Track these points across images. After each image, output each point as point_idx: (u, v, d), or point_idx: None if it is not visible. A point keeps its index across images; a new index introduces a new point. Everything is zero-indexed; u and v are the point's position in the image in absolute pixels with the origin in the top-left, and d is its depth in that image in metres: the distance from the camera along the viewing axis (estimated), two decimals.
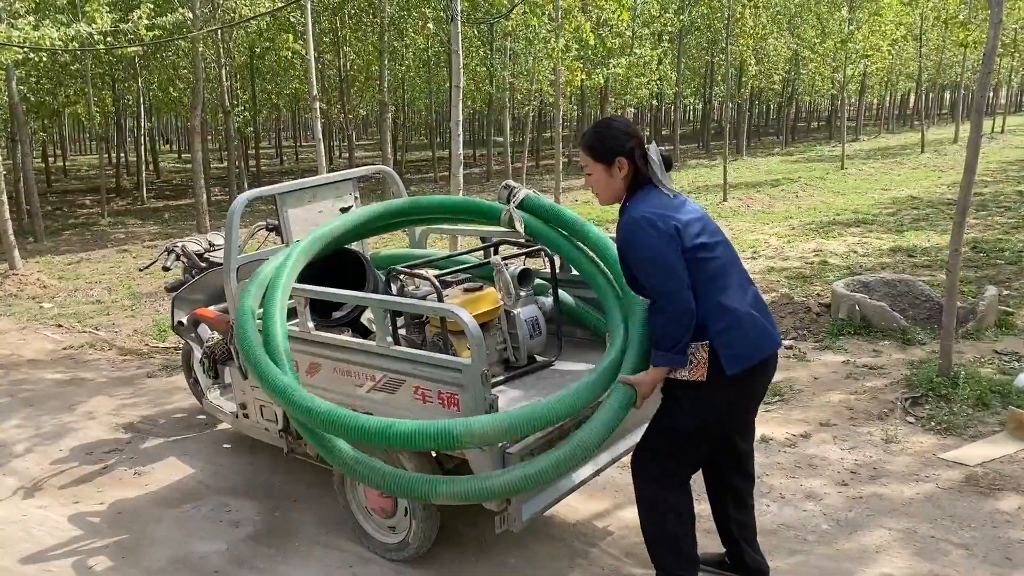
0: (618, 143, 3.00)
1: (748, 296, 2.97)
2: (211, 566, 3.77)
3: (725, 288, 2.91)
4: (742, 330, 2.89)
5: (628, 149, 2.99)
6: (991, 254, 9.10)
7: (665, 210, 2.91)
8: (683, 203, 3.01)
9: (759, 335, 2.92)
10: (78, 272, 11.50)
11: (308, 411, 3.12)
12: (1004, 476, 4.14)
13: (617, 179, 3.02)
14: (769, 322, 3.00)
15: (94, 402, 6.01)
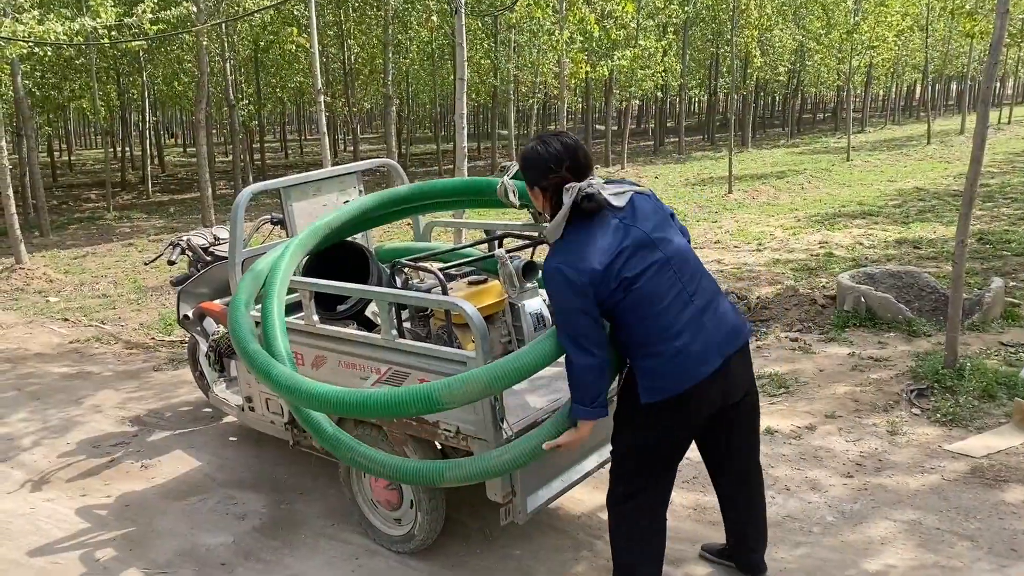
0: (534, 175, 2.83)
1: (679, 320, 2.73)
2: (217, 558, 3.79)
3: (645, 320, 2.72)
4: (660, 363, 2.73)
5: (543, 185, 2.81)
6: (997, 245, 9.06)
7: (584, 255, 2.68)
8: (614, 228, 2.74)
9: (682, 366, 2.72)
10: (84, 266, 11.53)
11: (291, 390, 3.05)
12: (1010, 468, 4.14)
13: (539, 200, 2.87)
14: (712, 336, 2.78)
15: (100, 395, 6.03)
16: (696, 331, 2.75)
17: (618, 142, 24.72)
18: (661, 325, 2.73)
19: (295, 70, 23.30)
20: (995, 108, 34.01)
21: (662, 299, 2.73)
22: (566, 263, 2.70)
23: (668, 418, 2.82)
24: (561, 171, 2.77)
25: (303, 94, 26.82)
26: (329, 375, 3.70)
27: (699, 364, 2.75)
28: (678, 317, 2.74)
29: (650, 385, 2.75)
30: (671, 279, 2.76)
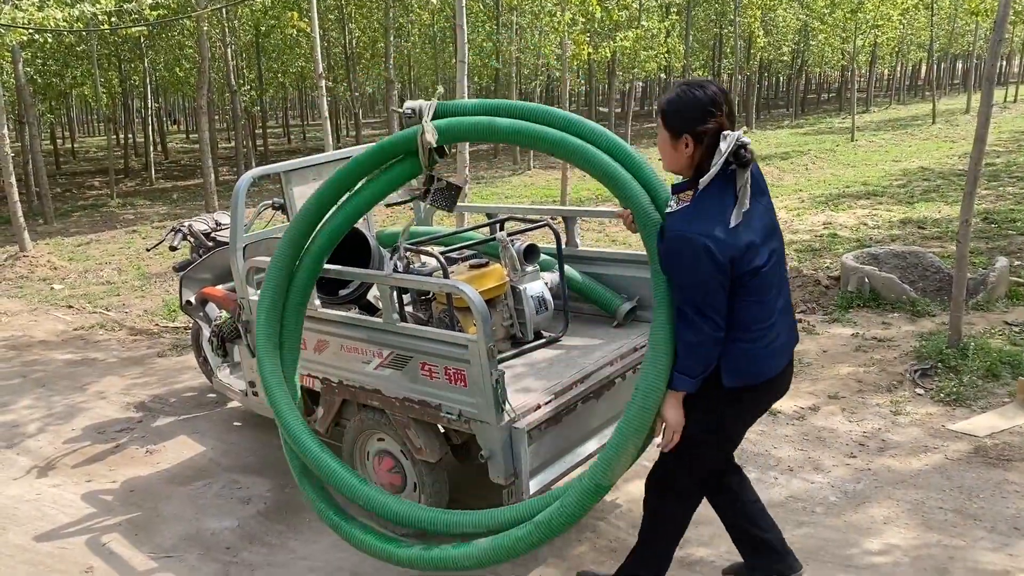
0: (690, 119, 2.57)
1: (775, 311, 2.67)
2: (222, 542, 3.81)
3: (753, 305, 2.62)
4: (751, 349, 2.65)
5: (698, 132, 2.56)
6: (1002, 225, 9.02)
7: (725, 231, 2.50)
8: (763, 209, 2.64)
9: (767, 356, 2.68)
10: (88, 253, 11.55)
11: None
12: (1013, 447, 4.13)
13: (682, 155, 2.63)
14: (788, 336, 2.76)
15: (105, 382, 6.05)
16: (783, 326, 2.72)
17: (621, 124, 24.61)
18: (764, 313, 2.64)
19: (296, 55, 23.24)
20: (1001, 87, 33.79)
21: (764, 291, 2.63)
22: (708, 237, 2.49)
23: (745, 401, 2.76)
24: (721, 115, 2.56)
25: (305, 79, 26.76)
26: (331, 359, 3.71)
27: (779, 358, 2.73)
28: (774, 308, 2.67)
29: (735, 369, 2.66)
30: (775, 271, 2.67)
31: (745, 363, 2.67)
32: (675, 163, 2.67)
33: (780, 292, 2.70)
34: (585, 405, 3.45)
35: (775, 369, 2.72)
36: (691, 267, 2.53)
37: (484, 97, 36.98)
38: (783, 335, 2.73)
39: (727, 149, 2.51)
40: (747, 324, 2.63)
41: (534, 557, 3.50)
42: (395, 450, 3.64)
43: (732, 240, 2.51)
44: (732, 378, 2.67)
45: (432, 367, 3.27)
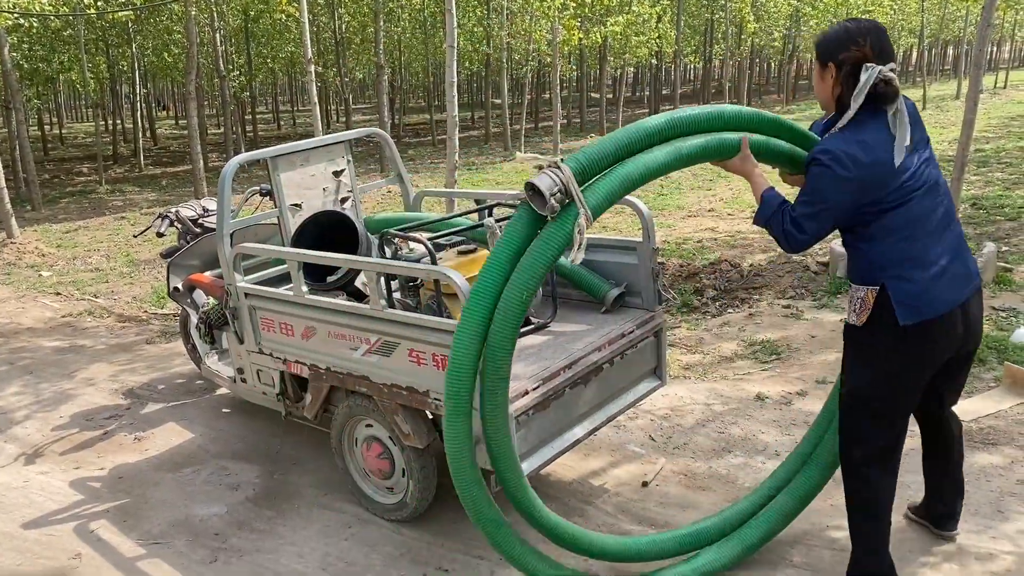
0: (834, 47, 2.63)
1: (943, 242, 2.68)
2: (211, 528, 3.82)
3: (914, 236, 2.64)
4: (922, 284, 2.64)
5: (839, 59, 2.61)
6: (991, 211, 9.05)
7: (863, 148, 2.56)
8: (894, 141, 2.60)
9: (942, 287, 2.65)
10: (76, 240, 11.48)
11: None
12: (998, 431, 4.16)
13: (827, 85, 2.68)
14: (963, 269, 2.72)
15: (93, 369, 6.03)
16: (954, 256, 2.70)
17: (613, 110, 24.57)
18: (920, 246, 2.64)
19: (286, 40, 23.09)
20: (991, 72, 33.83)
21: (924, 222, 2.64)
22: (843, 148, 2.56)
23: (920, 340, 2.69)
24: (865, 46, 2.57)
25: (294, 64, 26.61)
26: (319, 345, 3.70)
27: (957, 289, 2.70)
28: (941, 239, 2.67)
29: (910, 305, 2.64)
30: (933, 204, 2.67)
31: (916, 298, 2.64)
32: (822, 93, 2.74)
33: (939, 230, 2.68)
34: (573, 391, 3.46)
35: (950, 303, 2.67)
36: (821, 181, 2.60)
37: (475, 83, 36.82)
38: (958, 264, 2.71)
39: (866, 81, 2.54)
40: (905, 259, 2.64)
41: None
42: (383, 436, 3.65)
43: (866, 154, 2.55)
44: (906, 315, 2.65)
45: (420, 353, 3.27)
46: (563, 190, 2.50)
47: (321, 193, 4.61)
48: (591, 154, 2.58)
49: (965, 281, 2.75)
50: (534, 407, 3.24)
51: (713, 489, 3.84)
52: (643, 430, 4.47)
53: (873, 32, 2.61)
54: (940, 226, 2.69)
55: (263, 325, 3.99)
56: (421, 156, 20.79)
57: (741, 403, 4.71)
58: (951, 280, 2.69)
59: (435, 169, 17.64)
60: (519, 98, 25.94)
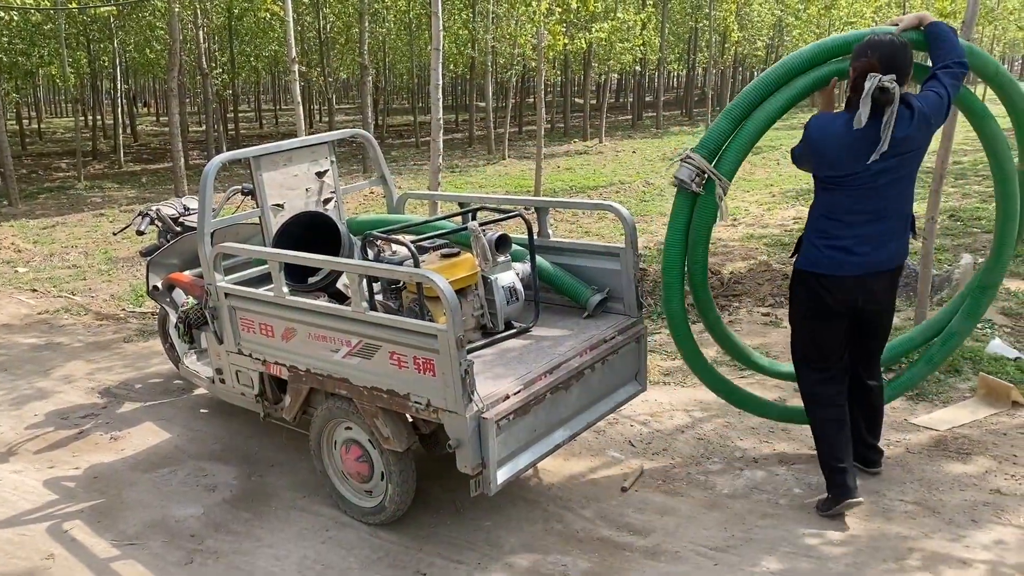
0: (857, 53, 3.21)
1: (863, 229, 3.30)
2: (187, 530, 3.78)
3: (839, 214, 3.32)
4: (825, 242, 3.35)
5: (856, 66, 3.18)
6: (968, 223, 9.16)
7: (829, 129, 3.23)
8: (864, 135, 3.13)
9: (841, 256, 3.33)
10: (54, 236, 11.36)
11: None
12: (972, 441, 4.21)
13: (829, 90, 3.51)
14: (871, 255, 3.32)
15: (70, 367, 5.97)
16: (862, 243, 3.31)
17: (596, 116, 24.63)
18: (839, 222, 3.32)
19: (270, 38, 22.98)
20: (970, 85, 34.19)
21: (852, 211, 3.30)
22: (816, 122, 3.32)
23: (821, 290, 3.42)
24: (872, 58, 3.12)
25: (278, 63, 26.49)
26: (299, 347, 3.68)
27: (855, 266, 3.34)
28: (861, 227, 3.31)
29: (807, 255, 3.44)
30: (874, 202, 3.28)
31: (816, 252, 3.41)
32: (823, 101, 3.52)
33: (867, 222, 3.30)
34: (554, 395, 3.46)
35: (846, 270, 3.34)
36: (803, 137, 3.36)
37: (459, 86, 36.76)
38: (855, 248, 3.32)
39: (866, 87, 3.06)
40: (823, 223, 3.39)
41: (499, 546, 3.52)
42: (363, 439, 3.63)
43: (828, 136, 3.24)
44: (802, 262, 3.48)
45: (401, 356, 3.26)
46: (700, 172, 3.53)
47: (304, 193, 4.60)
48: (711, 134, 3.58)
49: (868, 264, 3.35)
50: (515, 411, 3.24)
51: (691, 495, 3.86)
52: (623, 435, 4.48)
53: (884, 48, 3.15)
54: (862, 220, 3.30)
55: (243, 325, 3.97)
56: (404, 158, 20.75)
57: (720, 409, 4.74)
58: (852, 258, 3.33)
59: (418, 171, 17.62)
60: (503, 102, 25.95)
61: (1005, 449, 4.10)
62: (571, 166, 17.66)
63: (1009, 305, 6.18)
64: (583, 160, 18.81)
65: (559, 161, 18.52)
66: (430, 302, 3.60)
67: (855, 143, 3.17)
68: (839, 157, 3.23)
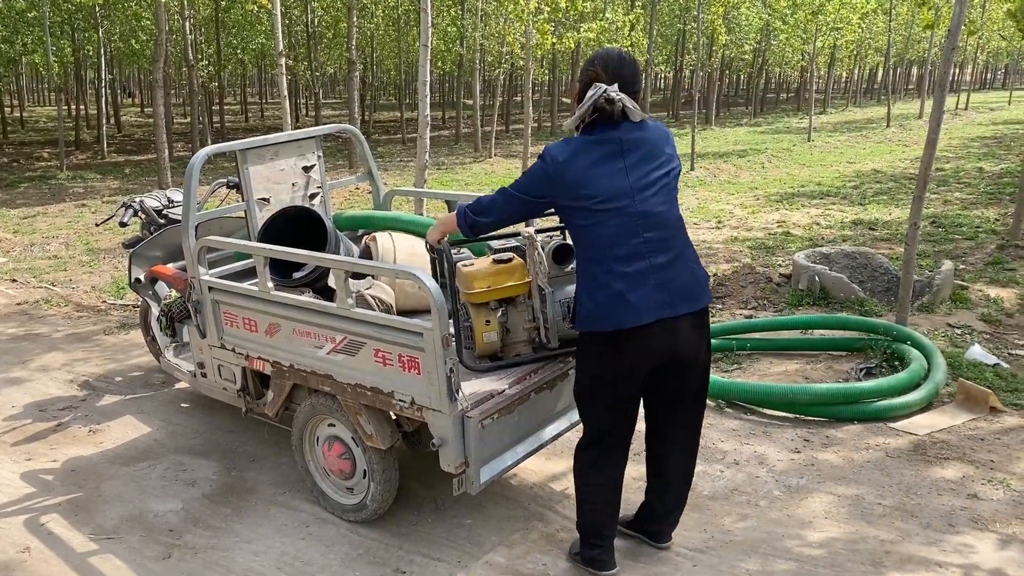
0: (586, 65, 2.98)
1: (631, 266, 2.84)
2: (165, 524, 3.76)
3: (597, 256, 2.86)
4: (596, 296, 2.86)
5: (582, 79, 2.95)
6: (949, 229, 9.25)
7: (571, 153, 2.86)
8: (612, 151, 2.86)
9: (616, 307, 2.83)
10: (34, 226, 11.25)
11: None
12: (950, 446, 4.25)
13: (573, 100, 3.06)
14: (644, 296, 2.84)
15: (48, 358, 5.91)
16: (638, 283, 2.84)
17: None
18: (604, 266, 2.86)
19: (257, 31, 22.84)
20: (953, 94, 34.55)
21: (613, 245, 2.85)
22: (555, 148, 2.90)
23: (609, 347, 2.91)
24: (597, 69, 2.89)
25: (265, 56, 26.32)
26: (283, 342, 3.67)
27: (630, 313, 2.84)
28: (628, 263, 2.84)
29: (582, 314, 2.94)
30: (629, 230, 2.85)
31: (590, 308, 2.90)
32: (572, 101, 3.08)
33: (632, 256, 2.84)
34: (539, 395, 3.46)
35: (625, 322, 2.84)
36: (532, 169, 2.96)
37: (447, 83, 36.67)
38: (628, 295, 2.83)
39: (589, 95, 2.83)
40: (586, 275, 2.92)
41: (479, 544, 3.52)
42: (345, 436, 3.62)
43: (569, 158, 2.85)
44: (580, 323, 2.97)
45: (386, 354, 3.25)
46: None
47: (290, 188, 4.57)
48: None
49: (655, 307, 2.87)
50: (499, 411, 3.24)
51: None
52: None
53: (612, 60, 2.90)
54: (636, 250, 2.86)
55: (226, 320, 3.95)
56: (391, 154, 20.70)
57: None
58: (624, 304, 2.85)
59: (404, 167, 17.58)
60: (491, 100, 25.94)
61: (983, 454, 4.15)
62: None
63: (988, 312, 6.25)
64: None
65: None
66: (473, 308, 3.49)
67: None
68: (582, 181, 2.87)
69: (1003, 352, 5.50)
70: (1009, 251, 8.06)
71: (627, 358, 2.92)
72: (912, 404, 4.60)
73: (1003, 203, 10.90)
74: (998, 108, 32.73)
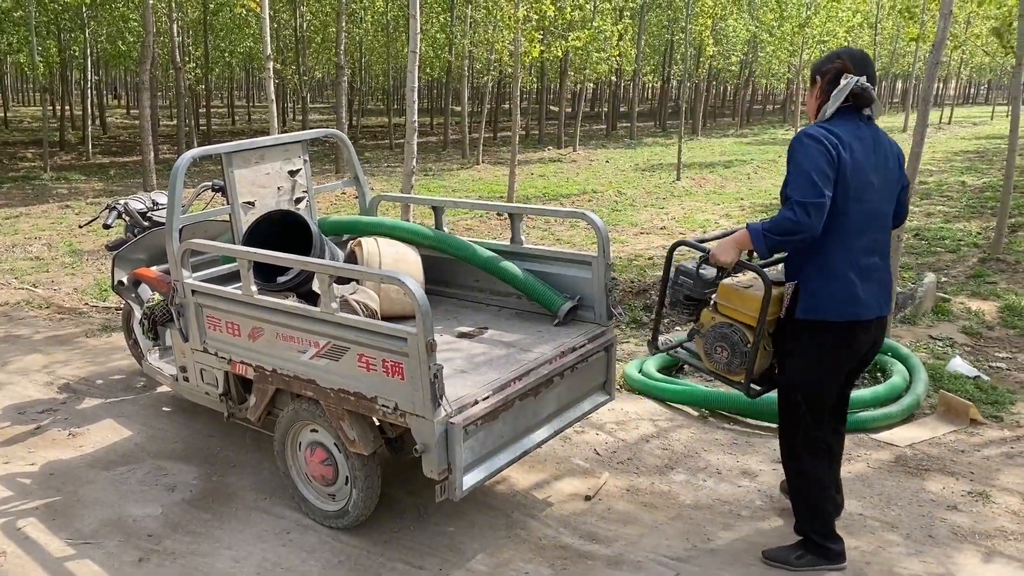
0: (824, 60, 3.14)
1: (862, 259, 3.02)
2: (144, 529, 3.72)
3: (840, 244, 2.99)
4: (827, 285, 3.00)
5: (826, 69, 3.09)
6: (932, 242, 9.33)
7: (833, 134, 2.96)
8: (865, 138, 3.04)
9: (844, 298, 3.00)
10: (17, 227, 11.15)
11: None
12: (932, 457, 4.28)
13: (812, 97, 3.16)
14: (870, 291, 3.03)
15: (29, 360, 5.85)
16: (867, 277, 3.04)
17: (571, 125, 24.72)
18: (842, 254, 3.00)
19: (245, 35, 22.79)
20: (937, 108, 34.90)
21: (857, 234, 3.02)
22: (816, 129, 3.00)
23: (826, 338, 3.07)
24: (843, 61, 3.05)
25: (253, 60, 26.25)
26: (266, 347, 3.64)
27: (857, 305, 3.02)
28: (861, 255, 3.03)
29: (809, 303, 3.05)
30: (873, 217, 3.05)
31: (819, 297, 3.04)
32: (809, 106, 3.21)
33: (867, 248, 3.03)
34: (523, 402, 3.46)
35: (849, 315, 3.02)
36: (799, 155, 2.96)
37: (435, 89, 36.72)
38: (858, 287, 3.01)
39: (843, 84, 3.00)
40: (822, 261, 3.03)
41: (461, 552, 3.50)
42: (328, 442, 3.60)
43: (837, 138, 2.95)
44: (805, 311, 3.06)
45: (370, 359, 3.24)
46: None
47: (275, 192, 4.55)
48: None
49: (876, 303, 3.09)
50: (483, 417, 3.23)
51: (655, 505, 3.87)
52: (589, 444, 4.49)
53: (853, 53, 3.10)
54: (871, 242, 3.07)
55: (209, 324, 3.92)
56: (378, 159, 20.68)
57: (685, 420, 4.77)
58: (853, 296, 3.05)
59: (391, 173, 17.56)
60: (479, 107, 25.98)
61: (963, 466, 4.18)
62: (544, 173, 17.72)
63: (970, 324, 6.29)
64: (557, 168, 18.87)
65: (533, 168, 18.56)
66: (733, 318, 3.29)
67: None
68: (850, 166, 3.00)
69: (984, 364, 5.54)
70: (991, 264, 8.13)
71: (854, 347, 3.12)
72: (893, 415, 4.63)
73: (985, 216, 11.00)
74: (981, 123, 33.09)
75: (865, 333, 3.08)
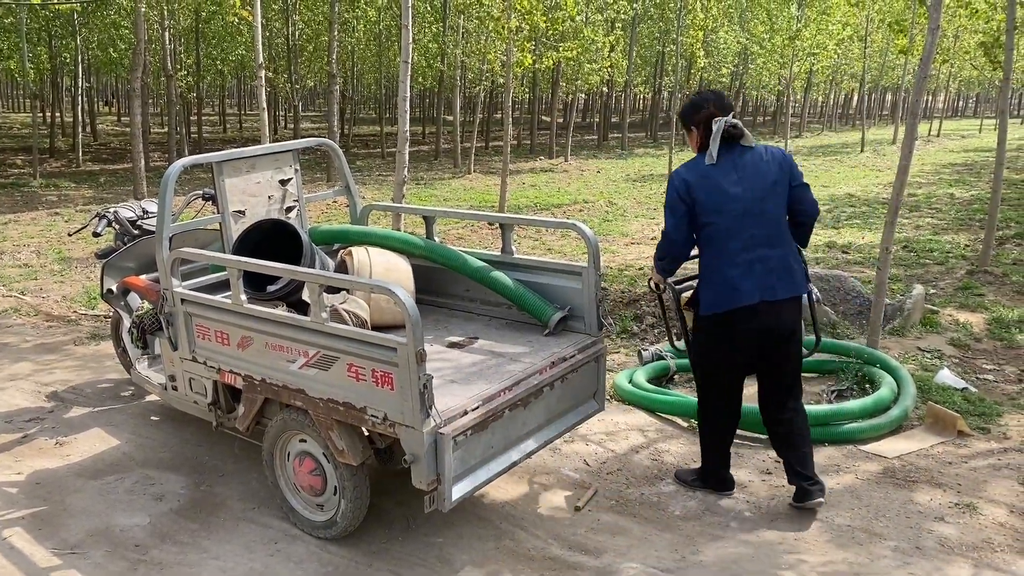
0: (693, 111, 3.64)
1: (743, 255, 3.52)
2: (132, 539, 3.70)
3: (717, 251, 3.57)
4: (713, 284, 3.60)
5: (697, 120, 3.62)
6: (920, 254, 9.38)
7: (693, 172, 3.56)
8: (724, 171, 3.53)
9: (728, 291, 3.55)
10: (5, 234, 11.10)
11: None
12: (919, 469, 4.29)
13: (694, 139, 3.70)
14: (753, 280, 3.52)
15: (16, 368, 5.82)
16: (747, 271, 3.54)
17: (563, 135, 24.80)
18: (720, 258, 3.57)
19: (237, 43, 22.81)
20: (926, 120, 35.15)
21: (727, 239, 3.54)
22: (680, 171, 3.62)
23: (723, 327, 3.64)
24: (709, 107, 3.58)
25: (244, 68, 26.27)
26: (255, 356, 3.63)
27: (739, 294, 3.54)
28: (736, 255, 3.53)
29: (704, 300, 3.65)
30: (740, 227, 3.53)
31: (708, 295, 3.63)
32: (692, 147, 3.73)
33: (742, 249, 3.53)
34: (513, 413, 3.46)
35: (735, 303, 3.55)
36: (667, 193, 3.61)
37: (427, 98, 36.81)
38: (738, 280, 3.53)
39: (716, 128, 3.52)
40: (706, 267, 3.64)
41: (449, 563, 3.49)
42: (317, 452, 3.59)
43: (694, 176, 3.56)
44: (704, 307, 3.65)
45: (359, 369, 3.24)
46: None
47: (266, 201, 4.55)
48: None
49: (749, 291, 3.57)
50: (473, 428, 3.23)
51: (644, 516, 3.87)
52: (578, 454, 4.49)
53: (714, 96, 3.64)
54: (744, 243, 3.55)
55: (198, 332, 3.91)
56: (369, 168, 20.68)
57: (675, 431, 4.77)
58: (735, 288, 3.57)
59: (383, 182, 17.56)
60: (471, 116, 26.01)
61: (950, 478, 4.19)
62: (536, 183, 17.75)
63: (958, 336, 6.33)
64: (548, 178, 18.92)
65: (524, 178, 18.59)
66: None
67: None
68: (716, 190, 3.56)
69: (971, 376, 5.57)
70: (978, 276, 8.19)
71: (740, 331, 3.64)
72: (882, 427, 4.65)
73: (973, 229, 11.08)
74: (969, 135, 33.36)
75: (752, 317, 3.57)
